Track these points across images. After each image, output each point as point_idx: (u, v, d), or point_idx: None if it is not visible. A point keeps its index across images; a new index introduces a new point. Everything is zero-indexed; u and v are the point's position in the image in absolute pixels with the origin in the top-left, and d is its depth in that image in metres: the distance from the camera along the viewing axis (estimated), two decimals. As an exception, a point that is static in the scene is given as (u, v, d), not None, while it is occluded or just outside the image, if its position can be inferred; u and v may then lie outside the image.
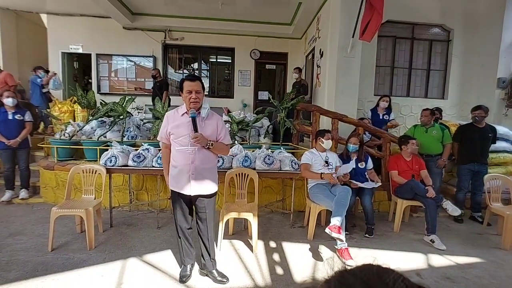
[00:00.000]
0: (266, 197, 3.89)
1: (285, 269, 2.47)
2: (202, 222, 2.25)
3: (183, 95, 2.07)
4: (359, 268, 0.40)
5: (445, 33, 5.78)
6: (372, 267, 0.40)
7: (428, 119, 3.91)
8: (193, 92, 2.03)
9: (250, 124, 4.37)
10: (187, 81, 2.06)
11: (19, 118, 3.85)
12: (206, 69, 8.17)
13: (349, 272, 0.39)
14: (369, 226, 3.20)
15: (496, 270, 2.57)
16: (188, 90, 2.04)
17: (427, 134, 3.89)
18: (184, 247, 2.26)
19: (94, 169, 3.03)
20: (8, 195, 3.89)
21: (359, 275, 0.38)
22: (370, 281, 0.37)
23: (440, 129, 3.90)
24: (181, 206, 2.21)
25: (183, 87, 2.06)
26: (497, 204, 3.40)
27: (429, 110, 3.95)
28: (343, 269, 0.40)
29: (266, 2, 5.96)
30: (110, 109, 3.92)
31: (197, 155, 2.10)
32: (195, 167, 2.10)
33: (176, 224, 2.24)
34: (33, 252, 2.58)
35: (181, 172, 2.11)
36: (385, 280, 0.37)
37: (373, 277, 0.38)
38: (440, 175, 3.95)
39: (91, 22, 7.19)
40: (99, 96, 6.95)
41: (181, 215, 2.22)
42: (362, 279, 0.37)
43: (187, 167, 2.10)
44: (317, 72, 5.89)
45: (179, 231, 2.25)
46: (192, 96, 2.03)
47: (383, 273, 0.38)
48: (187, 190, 2.12)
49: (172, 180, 2.18)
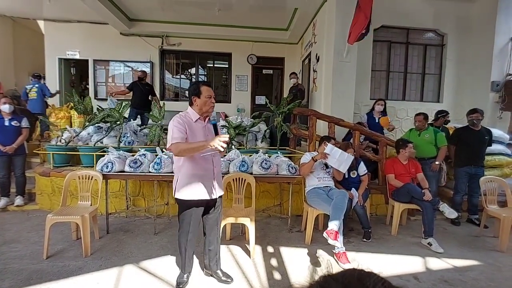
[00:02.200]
0: (263, 202, 3.89)
1: (283, 274, 2.45)
2: (213, 223, 2.26)
3: (201, 100, 2.07)
4: (341, 273, 0.41)
5: (439, 37, 5.87)
6: (354, 272, 0.41)
7: (422, 123, 3.92)
8: (212, 97, 2.09)
9: (247, 129, 4.38)
10: (206, 86, 2.10)
11: (16, 125, 3.83)
12: (203, 74, 8.21)
13: (332, 276, 0.40)
14: (366, 230, 3.19)
15: (493, 272, 2.58)
16: (208, 94, 2.08)
17: (419, 137, 3.92)
18: (188, 256, 2.21)
19: (90, 175, 3.01)
20: (3, 202, 3.85)
21: (340, 279, 0.39)
22: (351, 285, 0.38)
23: (433, 132, 3.90)
24: (197, 217, 2.16)
25: (202, 92, 2.07)
26: (493, 207, 3.42)
27: (422, 115, 3.95)
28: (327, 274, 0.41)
29: (263, 8, 6.02)
30: (107, 115, 3.91)
31: (214, 159, 2.16)
32: (216, 171, 2.17)
33: (188, 236, 2.14)
34: (28, 260, 2.55)
35: (205, 178, 2.11)
36: (366, 284, 0.38)
37: (354, 281, 0.39)
38: (435, 178, 3.92)
39: (88, 28, 7.22)
40: (96, 101, 6.95)
41: (196, 226, 2.17)
42: (343, 283, 0.38)
43: (211, 172, 2.13)
44: (314, 77, 5.93)
45: (189, 241, 2.16)
46: (212, 100, 2.10)
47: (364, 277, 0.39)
48: (212, 194, 2.13)
49: (191, 190, 2.06)
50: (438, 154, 3.85)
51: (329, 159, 3.09)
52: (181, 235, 2.18)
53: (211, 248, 2.30)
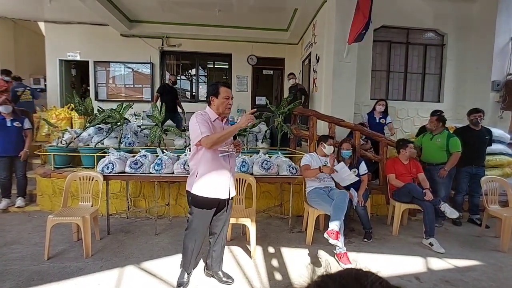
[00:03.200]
0: (264, 202, 3.88)
1: (284, 275, 2.45)
2: (221, 224, 2.25)
3: (219, 100, 2.09)
4: (339, 273, 0.41)
5: (439, 37, 5.86)
6: (352, 271, 0.41)
7: (434, 125, 3.67)
8: (229, 98, 2.11)
9: (248, 129, 4.38)
10: (225, 87, 2.12)
11: (18, 126, 3.85)
12: (203, 75, 8.22)
13: (330, 276, 0.41)
14: (367, 230, 3.19)
15: (495, 272, 2.57)
16: (226, 95, 2.10)
17: (431, 141, 3.72)
18: (193, 256, 2.20)
19: (91, 176, 3.01)
20: (4, 203, 3.86)
21: (338, 279, 0.39)
22: (349, 284, 0.38)
23: (446, 137, 3.62)
24: (207, 219, 2.16)
25: (220, 92, 2.09)
26: (494, 206, 3.41)
27: (435, 116, 3.68)
28: (324, 274, 0.41)
29: (263, 9, 6.03)
30: (108, 116, 3.92)
31: (231, 159, 2.17)
32: (232, 171, 2.17)
33: (195, 237, 2.15)
34: (29, 261, 2.55)
35: (222, 177, 2.11)
36: (363, 283, 0.38)
37: (351, 280, 0.39)
38: (445, 185, 3.65)
39: (88, 30, 7.23)
40: (97, 103, 6.96)
41: (204, 229, 2.17)
42: (340, 282, 0.39)
43: (227, 172, 2.13)
44: (314, 77, 5.93)
45: (196, 243, 2.16)
46: (230, 102, 2.12)
47: (361, 276, 0.39)
48: (226, 194, 2.14)
49: (208, 188, 2.06)
50: (449, 160, 3.57)
51: (336, 175, 3.11)
52: (187, 236, 2.16)
53: (215, 249, 2.30)
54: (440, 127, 3.69)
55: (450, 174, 3.65)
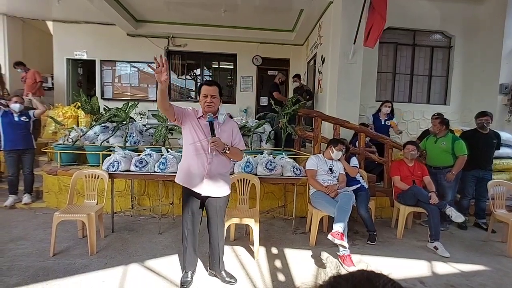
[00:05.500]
0: (267, 203, 3.88)
1: (287, 276, 2.45)
2: (213, 223, 2.25)
3: (200, 98, 2.13)
4: (351, 273, 0.41)
5: (446, 39, 5.81)
6: (364, 272, 0.41)
7: (437, 128, 3.63)
8: (208, 96, 2.08)
9: (252, 130, 4.39)
10: (204, 86, 2.13)
11: (25, 120, 3.91)
12: (208, 75, 8.23)
13: (342, 277, 0.41)
14: (371, 233, 3.17)
15: (501, 277, 2.54)
16: (204, 94, 2.09)
17: (435, 145, 3.69)
18: (188, 252, 2.24)
19: (96, 174, 3.04)
20: (11, 199, 3.91)
21: (350, 279, 0.39)
22: (361, 285, 0.38)
23: (451, 140, 3.58)
24: (191, 207, 2.18)
25: (200, 91, 2.13)
26: (501, 211, 3.37)
27: (438, 119, 3.65)
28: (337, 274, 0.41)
29: (268, 9, 6.03)
30: (113, 115, 3.95)
31: (214, 159, 2.13)
32: (211, 171, 2.13)
33: (184, 228, 2.22)
34: (35, 257, 2.58)
35: (195, 173, 2.12)
36: (375, 284, 0.38)
37: (364, 281, 0.39)
38: (451, 189, 3.63)
39: (95, 29, 7.30)
40: (103, 101, 7.02)
41: (190, 217, 2.19)
42: (353, 283, 0.39)
43: (202, 171, 2.12)
44: (319, 78, 5.92)
45: (185, 235, 2.22)
46: (207, 100, 2.08)
47: (373, 277, 0.39)
48: (198, 189, 2.13)
49: (183, 176, 2.16)
50: (455, 164, 3.53)
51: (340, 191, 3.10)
52: (182, 226, 2.24)
53: (210, 249, 2.33)
54: (444, 129, 3.65)
55: (456, 177, 3.61)
